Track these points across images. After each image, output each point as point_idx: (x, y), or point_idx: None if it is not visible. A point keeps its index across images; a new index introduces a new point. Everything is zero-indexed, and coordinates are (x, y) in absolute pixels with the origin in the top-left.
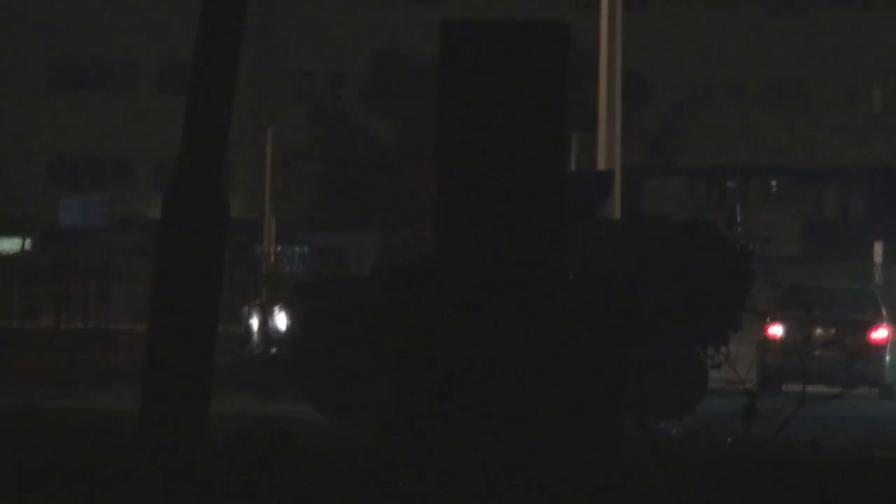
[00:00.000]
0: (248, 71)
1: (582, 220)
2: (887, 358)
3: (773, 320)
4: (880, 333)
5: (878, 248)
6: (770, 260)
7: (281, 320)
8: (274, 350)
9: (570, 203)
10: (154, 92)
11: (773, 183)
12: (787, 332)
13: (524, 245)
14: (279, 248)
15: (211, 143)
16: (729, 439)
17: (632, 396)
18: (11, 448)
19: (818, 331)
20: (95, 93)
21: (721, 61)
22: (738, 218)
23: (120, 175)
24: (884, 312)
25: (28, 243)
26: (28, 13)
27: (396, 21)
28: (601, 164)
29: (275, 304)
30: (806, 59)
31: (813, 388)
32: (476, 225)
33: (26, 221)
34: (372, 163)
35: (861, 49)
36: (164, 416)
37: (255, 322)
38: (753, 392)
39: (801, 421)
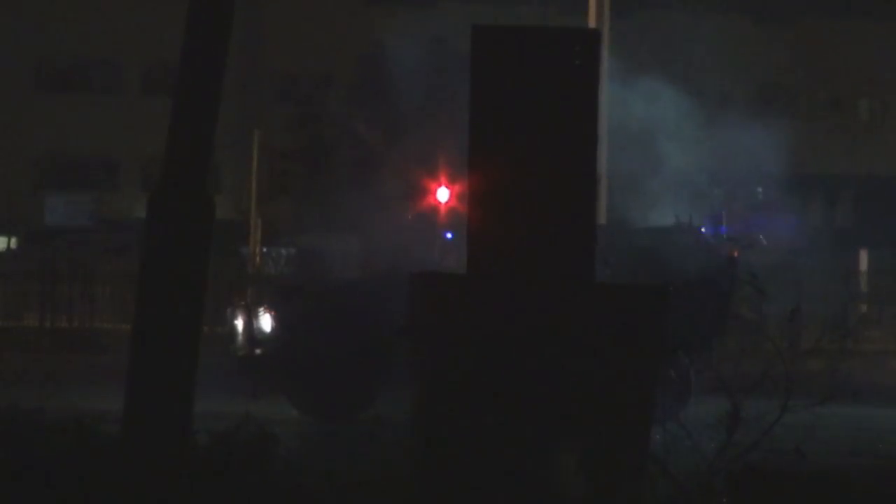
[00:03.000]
0: (235, 73)
1: None
2: None
3: None
4: None
5: (864, 257)
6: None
7: (266, 321)
8: (258, 351)
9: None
10: (140, 92)
11: (759, 190)
12: None
13: (555, 254)
14: (264, 250)
15: (197, 144)
16: (712, 445)
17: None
18: None
19: None
20: (81, 93)
21: (707, 69)
22: (724, 224)
23: (105, 175)
24: None
25: (13, 243)
26: (13, 13)
27: (383, 24)
28: None
29: (260, 306)
30: (792, 67)
31: None
32: (507, 233)
33: (11, 221)
34: (357, 165)
35: (848, 58)
36: (148, 417)
37: (239, 323)
38: (737, 398)
39: (786, 428)
